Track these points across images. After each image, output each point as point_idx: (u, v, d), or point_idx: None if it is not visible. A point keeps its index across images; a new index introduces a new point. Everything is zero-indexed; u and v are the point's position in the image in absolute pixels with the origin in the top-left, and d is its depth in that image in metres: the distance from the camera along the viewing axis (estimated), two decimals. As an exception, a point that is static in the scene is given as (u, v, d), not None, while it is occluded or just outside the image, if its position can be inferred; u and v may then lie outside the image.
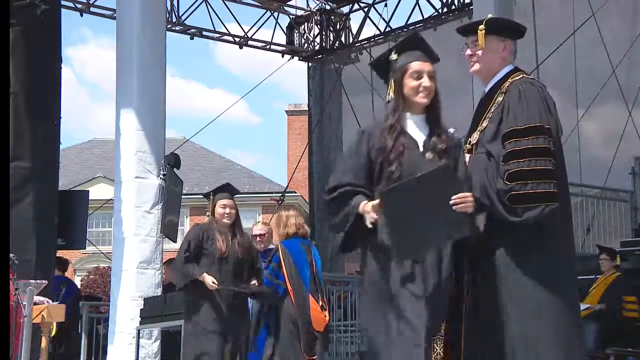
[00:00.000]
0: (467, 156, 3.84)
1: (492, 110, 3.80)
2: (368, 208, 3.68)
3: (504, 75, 3.86)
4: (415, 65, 3.85)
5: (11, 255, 5.83)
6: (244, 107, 58.88)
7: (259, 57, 40.55)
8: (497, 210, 3.62)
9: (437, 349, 5.70)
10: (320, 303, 7.31)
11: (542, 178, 3.58)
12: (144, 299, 8.86)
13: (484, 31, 3.84)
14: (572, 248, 3.84)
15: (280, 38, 16.12)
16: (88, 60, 56.09)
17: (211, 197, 7.14)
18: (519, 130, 3.65)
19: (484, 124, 3.81)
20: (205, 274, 6.81)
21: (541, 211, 3.57)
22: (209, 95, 57.59)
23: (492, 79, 3.90)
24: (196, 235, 7.00)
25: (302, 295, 7.19)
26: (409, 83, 3.85)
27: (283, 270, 7.20)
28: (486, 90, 3.91)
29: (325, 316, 7.33)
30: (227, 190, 7.23)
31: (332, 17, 16.22)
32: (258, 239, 8.09)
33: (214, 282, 6.74)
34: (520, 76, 3.83)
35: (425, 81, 3.84)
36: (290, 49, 16.16)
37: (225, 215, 7.04)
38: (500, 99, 3.79)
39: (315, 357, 7.23)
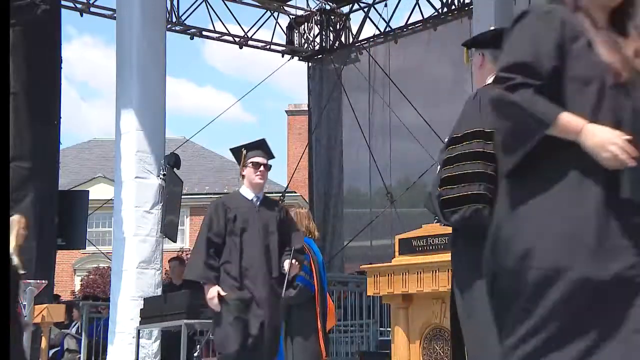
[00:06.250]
0: None
1: None
2: None
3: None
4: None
5: (14, 262, 5.84)
6: (242, 107, 58.93)
7: (254, 56, 40.46)
8: (439, 216, 3.73)
9: (436, 349, 5.72)
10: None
11: (468, 181, 3.60)
12: (144, 299, 8.86)
13: (465, 48, 4.01)
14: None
15: (280, 38, 16.14)
16: (74, 59, 56.11)
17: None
18: (456, 138, 3.71)
19: None
20: None
21: (463, 213, 3.58)
22: (199, 94, 57.58)
23: None
24: None
25: (323, 294, 7.06)
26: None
27: (312, 267, 6.89)
28: None
29: (335, 317, 7.22)
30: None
31: (332, 17, 16.21)
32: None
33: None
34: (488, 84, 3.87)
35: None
36: (290, 49, 16.15)
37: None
38: None
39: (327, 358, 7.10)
